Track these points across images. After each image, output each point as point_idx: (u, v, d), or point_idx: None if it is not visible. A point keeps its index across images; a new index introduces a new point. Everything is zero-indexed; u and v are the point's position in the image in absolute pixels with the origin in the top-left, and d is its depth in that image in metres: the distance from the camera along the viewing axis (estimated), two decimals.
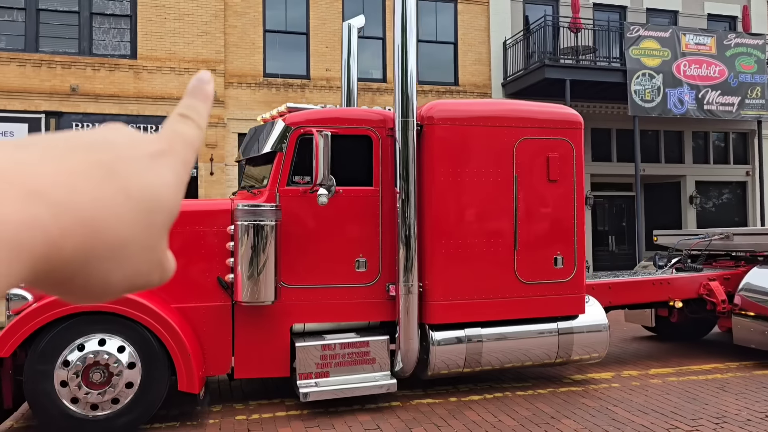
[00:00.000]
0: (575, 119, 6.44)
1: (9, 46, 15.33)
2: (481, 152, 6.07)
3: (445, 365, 5.84)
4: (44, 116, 15.11)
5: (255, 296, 5.37)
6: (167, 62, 15.80)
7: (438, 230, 5.90)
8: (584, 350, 6.34)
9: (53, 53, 15.42)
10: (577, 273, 6.28)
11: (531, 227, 6.16)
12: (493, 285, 6.01)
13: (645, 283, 7.52)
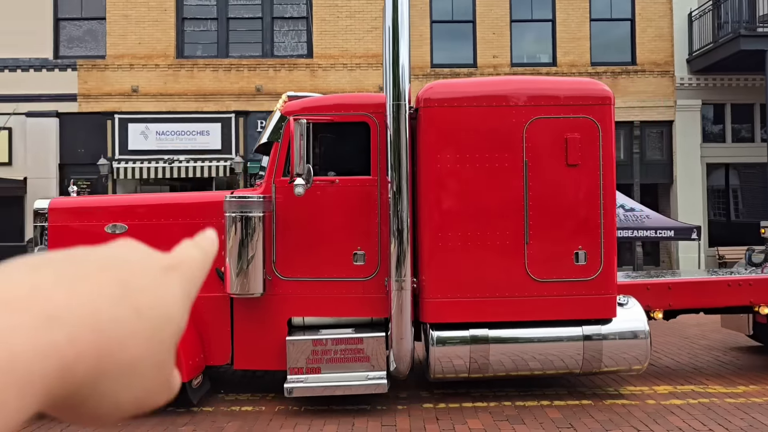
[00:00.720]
0: (601, 93, 5.60)
1: (205, 53, 17.03)
2: (485, 136, 5.47)
3: (447, 368, 5.40)
4: (234, 116, 16.61)
5: (243, 288, 5.33)
6: (340, 59, 16.54)
7: (436, 222, 5.45)
8: (618, 360, 5.51)
9: (241, 57, 16.87)
10: (604, 270, 5.44)
11: (545, 218, 5.45)
12: (500, 282, 5.43)
13: (717, 283, 6.34)
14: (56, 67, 16.80)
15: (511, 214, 5.43)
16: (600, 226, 5.44)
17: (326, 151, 5.90)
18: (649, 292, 6.09)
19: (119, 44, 16.74)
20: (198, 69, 16.71)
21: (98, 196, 6.14)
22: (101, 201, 6.33)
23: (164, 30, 16.76)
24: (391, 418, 5.17)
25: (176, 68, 16.70)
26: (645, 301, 6.03)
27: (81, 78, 16.76)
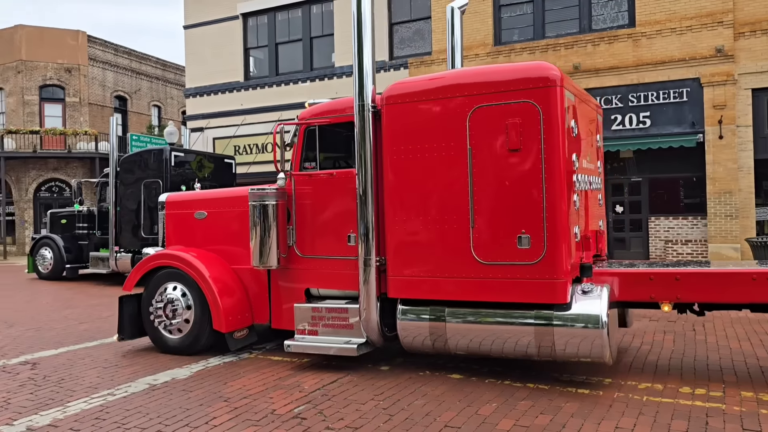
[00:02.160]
0: (541, 75, 5.34)
1: (521, 37, 17.26)
2: (434, 127, 5.77)
3: (413, 340, 5.89)
4: None
5: (262, 262, 6.48)
6: (667, 24, 15.10)
7: (395, 207, 5.94)
8: (573, 347, 5.27)
9: (557, 37, 16.64)
10: (548, 254, 5.29)
11: (488, 203, 5.54)
12: (449, 264, 5.68)
13: (738, 276, 5.35)
14: (391, 68, 18.89)
15: (457, 200, 5.66)
16: (543, 210, 5.33)
17: (329, 149, 6.74)
18: (652, 283, 5.58)
19: (442, 39, 18.00)
20: (515, 53, 17.02)
21: (196, 192, 8.07)
22: (193, 195, 7.78)
23: (483, 20, 17.46)
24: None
25: (494, 56, 17.27)
26: (649, 292, 5.60)
27: (411, 74, 18.53)
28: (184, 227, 7.58)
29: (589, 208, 6.29)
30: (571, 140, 5.62)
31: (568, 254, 5.37)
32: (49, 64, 31.03)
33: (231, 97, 21.44)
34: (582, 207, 5.97)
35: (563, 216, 5.33)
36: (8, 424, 4.79)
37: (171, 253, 7.21)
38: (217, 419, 4.75)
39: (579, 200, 5.81)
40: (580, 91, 6.25)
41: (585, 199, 6.12)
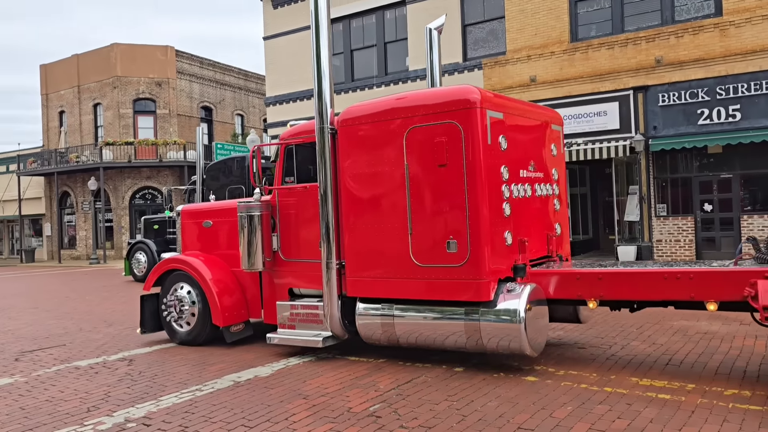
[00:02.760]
0: (462, 98, 6.02)
1: (598, 32, 16.78)
2: (379, 146, 6.47)
3: (369, 334, 6.60)
4: (632, 92, 15.95)
5: (249, 265, 7.31)
6: (758, 11, 14.27)
7: (349, 216, 6.66)
8: (496, 340, 5.90)
9: (637, 30, 16.06)
10: (471, 258, 5.94)
11: (422, 212, 6.22)
12: (394, 266, 6.36)
13: (652, 275, 5.70)
14: (465, 69, 18.84)
15: (398, 210, 6.36)
16: (466, 218, 5.94)
17: (305, 164, 7.32)
18: (579, 282, 6.03)
19: (517, 39, 17.79)
20: (593, 49, 16.57)
21: (204, 203, 9.35)
22: (202, 207, 8.82)
23: (558, 16, 17.11)
24: None
25: (571, 53, 16.89)
26: (576, 291, 6.02)
27: (486, 75, 18.41)
28: (195, 234, 8.55)
29: (532, 214, 6.76)
30: (498, 154, 6.18)
31: (490, 257, 5.95)
32: (142, 78, 32.96)
33: (309, 104, 22.02)
34: (518, 214, 6.42)
35: (485, 223, 5.93)
36: (108, 415, 5.20)
37: (180, 257, 8.23)
38: (296, 416, 4.97)
39: (510, 208, 6.28)
40: (519, 107, 6.88)
41: (524, 206, 6.59)
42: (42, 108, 36.44)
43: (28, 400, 5.73)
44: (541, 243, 6.88)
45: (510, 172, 6.33)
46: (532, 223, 6.72)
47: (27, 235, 37.59)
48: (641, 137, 15.56)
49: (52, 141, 35.55)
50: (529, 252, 6.43)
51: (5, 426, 5.02)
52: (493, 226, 6.02)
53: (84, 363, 7.23)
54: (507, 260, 6.14)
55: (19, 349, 8.30)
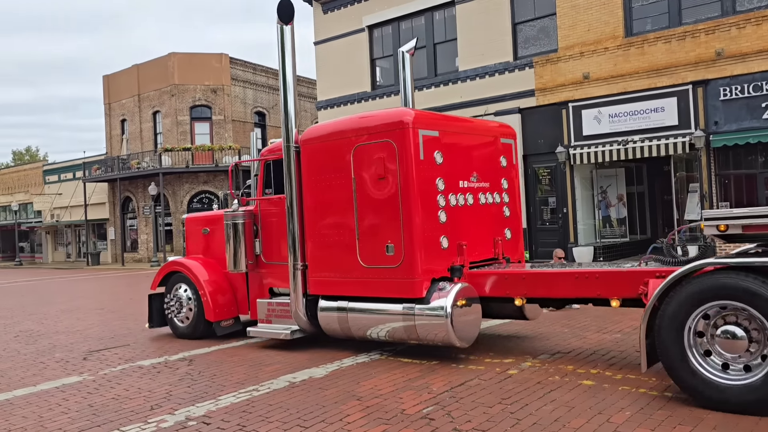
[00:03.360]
0: (396, 120, 6.80)
1: (654, 26, 16.29)
2: (332, 162, 7.27)
3: (330, 327, 7.40)
4: (691, 87, 15.42)
5: (235, 267, 8.24)
6: None
7: (310, 225, 7.52)
8: (428, 333, 6.59)
9: (695, 22, 15.52)
10: (406, 260, 6.67)
11: (367, 220, 6.98)
12: (346, 268, 7.16)
13: (565, 275, 6.38)
14: (516, 68, 18.61)
15: (348, 218, 7.17)
16: (401, 225, 6.71)
17: (279, 178, 7.99)
18: (507, 282, 6.75)
19: (569, 35, 17.47)
20: (648, 44, 16.10)
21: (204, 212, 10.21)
22: (201, 215, 9.77)
23: (612, 11, 16.71)
24: None
25: (625, 48, 16.46)
26: (505, 289, 6.75)
27: (537, 74, 18.14)
28: (196, 240, 9.44)
29: (475, 220, 7.40)
30: (432, 168, 6.88)
31: (423, 260, 6.69)
32: (198, 86, 33.93)
33: (359, 107, 22.21)
34: (457, 220, 7.10)
35: (417, 229, 6.69)
36: (170, 413, 5.39)
37: (179, 261, 9.24)
38: (350, 417, 5.03)
39: (447, 215, 6.97)
40: (460, 125, 7.97)
41: (465, 213, 7.26)
42: (105, 117, 38.00)
43: (95, 398, 6.00)
44: (486, 247, 7.59)
45: (446, 184, 7.03)
46: (474, 229, 7.40)
47: (93, 240, 39.24)
48: (701, 133, 15.02)
49: (115, 148, 37.02)
50: (470, 255, 7.17)
51: (75, 422, 5.27)
52: (427, 232, 6.78)
53: (147, 362, 7.51)
54: (443, 262, 6.91)
55: (86, 348, 8.69)
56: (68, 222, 40.41)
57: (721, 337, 4.78)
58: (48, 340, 9.59)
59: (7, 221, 45.72)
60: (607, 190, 18.30)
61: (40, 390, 6.43)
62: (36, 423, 5.31)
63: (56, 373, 7.18)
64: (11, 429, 5.19)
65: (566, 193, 17.69)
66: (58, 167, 42.52)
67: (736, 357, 4.73)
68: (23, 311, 13.77)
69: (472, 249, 7.23)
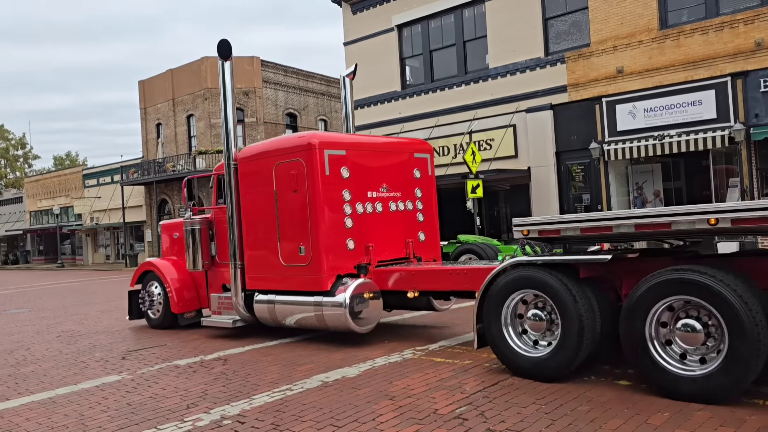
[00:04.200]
0: (305, 143, 8.11)
1: (691, 17, 15.90)
2: (261, 178, 8.58)
3: (264, 318, 8.64)
4: (729, 79, 15.00)
5: (192, 267, 9.56)
6: None
7: (245, 230, 8.81)
8: (332, 321, 7.78)
9: (733, 12, 15.10)
10: (313, 259, 7.95)
11: (286, 226, 8.29)
12: (271, 266, 8.48)
13: (443, 272, 7.71)
14: (547, 64, 18.37)
15: (272, 224, 8.42)
16: (309, 230, 7.95)
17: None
18: (402, 278, 7.89)
19: (602, 29, 17.17)
20: (684, 36, 15.72)
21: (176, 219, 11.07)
22: (173, 221, 10.85)
23: (646, 3, 16.36)
24: None
25: (660, 40, 16.11)
26: (401, 284, 7.91)
27: (569, 69, 17.88)
28: (169, 244, 10.72)
29: (384, 225, 8.53)
30: (338, 182, 8.07)
31: (328, 259, 7.90)
32: None
33: (389, 106, 22.22)
34: (364, 225, 8.25)
35: (323, 234, 7.91)
36: (206, 412, 5.47)
37: (152, 261, 10.62)
38: (383, 416, 5.03)
39: (353, 221, 8.15)
40: (369, 144, 9.06)
41: (373, 219, 8.40)
42: (141, 121, 38.78)
43: (134, 397, 6.13)
44: (398, 247, 8.69)
45: (353, 194, 8.20)
46: (383, 232, 8.50)
47: (131, 242, 40.09)
48: (741, 126, 14.60)
49: (151, 152, 37.75)
50: (379, 255, 8.33)
51: (114, 420, 5.39)
52: (332, 236, 7.97)
53: (183, 362, 7.64)
54: (350, 261, 8.10)
55: (125, 348, 8.88)
56: (107, 224, 41.37)
57: (532, 319, 5.91)
58: (88, 339, 9.84)
59: (49, 224, 47.01)
60: (644, 187, 17.93)
61: (81, 389, 6.60)
62: (77, 421, 5.45)
63: (96, 372, 7.35)
64: (54, 427, 5.33)
65: (600, 190, 17.40)
66: (96, 171, 43.58)
67: (541, 335, 5.87)
68: (65, 312, 14.15)
69: (381, 250, 8.42)
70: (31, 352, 8.98)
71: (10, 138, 68.30)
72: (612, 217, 5.62)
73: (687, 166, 18.47)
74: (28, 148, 70.03)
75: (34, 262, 51.13)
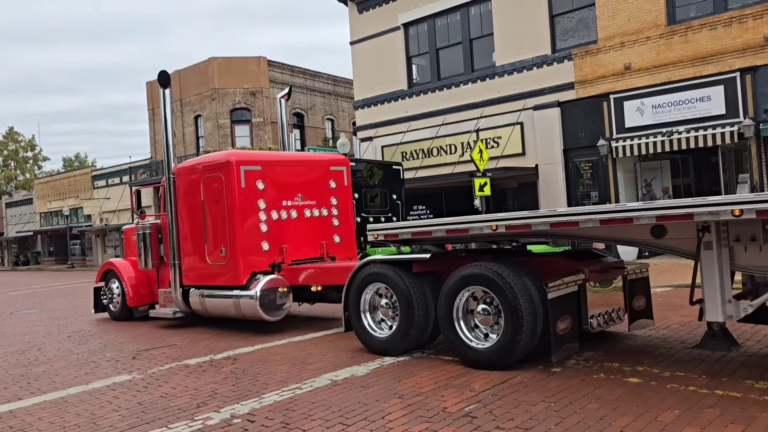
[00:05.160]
0: (224, 160, 9.50)
1: (698, 13, 15.81)
2: (192, 189, 9.95)
3: (198, 309, 9.97)
4: (738, 74, 14.91)
5: (143, 266, 10.84)
6: None
7: (182, 234, 10.18)
8: (247, 311, 9.15)
9: (742, 7, 15.00)
10: (231, 259, 9.38)
11: (211, 231, 9.67)
12: (201, 265, 9.87)
13: (336, 269, 9.00)
14: (554, 61, 18.32)
15: (201, 230, 9.79)
16: (227, 234, 9.36)
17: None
18: (308, 274, 9.22)
19: (609, 26, 17.10)
20: (692, 31, 15.64)
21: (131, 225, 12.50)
22: (132, 227, 11.85)
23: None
24: None
25: (668, 36, 16.03)
26: (306, 280, 9.22)
27: (576, 66, 17.82)
28: (130, 245, 11.97)
29: (299, 229, 9.82)
30: (254, 193, 9.39)
31: (243, 259, 9.28)
32: (237, 89, 34.48)
33: (396, 105, 22.22)
34: (279, 230, 9.57)
35: (239, 238, 9.29)
36: (216, 411, 5.50)
37: (112, 261, 12.03)
38: (392, 414, 5.04)
39: (268, 226, 9.46)
40: (285, 160, 10.26)
41: (288, 224, 9.72)
42: (149, 122, 38.97)
43: (144, 396, 6.17)
44: (313, 248, 9.93)
45: (268, 204, 9.48)
46: (298, 236, 9.78)
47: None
48: (751, 122, 14.51)
49: (159, 152, 37.91)
50: (294, 255, 9.60)
51: (125, 419, 5.43)
52: (248, 240, 9.31)
53: (193, 361, 7.68)
54: (265, 260, 9.39)
55: (135, 347, 8.94)
56: (116, 225, 41.60)
57: (384, 307, 7.32)
58: (99, 339, 9.91)
59: (59, 225, 47.34)
60: (652, 183, 17.86)
61: (92, 388, 6.65)
62: (88, 420, 5.49)
63: (107, 372, 7.41)
64: (65, 426, 5.38)
65: (609, 187, 17.34)
66: (105, 172, 43.82)
67: (389, 319, 7.29)
68: (75, 312, 14.25)
69: (296, 250, 9.69)
70: (43, 352, 9.06)
71: (19, 140, 68.79)
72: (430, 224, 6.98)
73: (696, 162, 18.38)
74: (38, 150, 70.53)
75: (44, 263, 51.49)
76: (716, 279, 5.43)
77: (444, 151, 20.87)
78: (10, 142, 68.34)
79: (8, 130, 68.56)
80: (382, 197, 14.35)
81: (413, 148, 21.66)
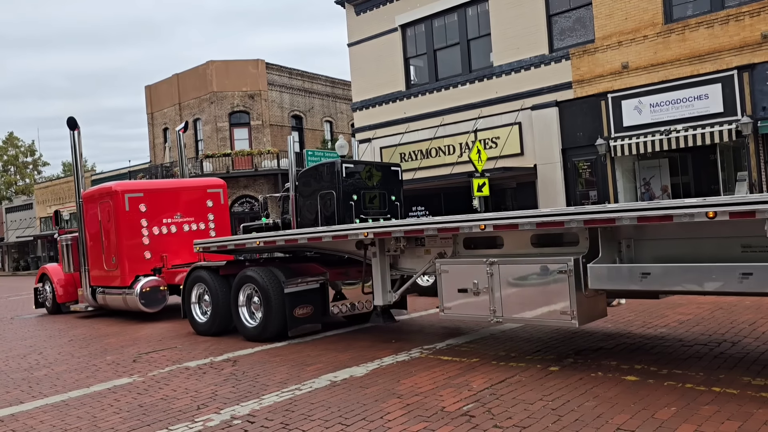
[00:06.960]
0: (111, 190, 12.43)
1: (695, 11, 15.85)
2: (93, 211, 12.95)
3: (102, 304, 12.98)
4: (736, 72, 14.94)
5: (66, 270, 14.10)
6: None
7: (89, 246, 13.16)
8: (132, 305, 11.96)
9: (739, 5, 15.04)
10: (119, 266, 12.24)
11: (106, 244, 12.57)
12: (101, 271, 12.76)
13: None
14: (552, 61, 18.36)
15: (99, 243, 12.70)
16: (117, 247, 12.27)
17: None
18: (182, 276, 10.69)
19: (606, 25, 17.14)
20: (690, 30, 15.68)
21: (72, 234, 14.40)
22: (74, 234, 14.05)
23: None
24: None
25: (665, 35, 16.06)
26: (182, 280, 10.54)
27: (574, 65, 17.86)
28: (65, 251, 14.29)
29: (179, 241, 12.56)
30: (137, 214, 12.26)
31: (129, 265, 12.12)
32: (236, 92, 34.52)
33: (394, 106, 22.25)
34: (161, 242, 12.40)
35: (124, 249, 12.15)
36: (216, 412, 5.52)
37: (45, 266, 14.77)
38: (391, 414, 5.06)
39: (150, 239, 12.32)
40: (165, 187, 13.41)
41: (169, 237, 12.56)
42: (148, 126, 39.02)
43: (145, 398, 6.20)
44: (192, 256, 11.98)
45: (150, 221, 12.35)
46: (178, 246, 12.48)
47: None
48: (748, 119, 14.54)
49: (158, 156, 37.97)
50: (174, 261, 12.30)
51: (126, 421, 5.46)
52: (132, 250, 12.17)
53: (193, 364, 7.71)
54: (148, 266, 12.18)
55: (136, 351, 8.96)
56: None
57: (206, 301, 9.68)
58: (99, 343, 9.93)
59: None
60: (651, 182, 17.88)
61: (93, 391, 6.67)
62: (90, 423, 5.52)
63: (108, 375, 7.44)
64: (67, 428, 5.40)
65: (608, 186, 17.37)
66: (105, 176, 43.84)
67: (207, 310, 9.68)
68: (76, 316, 14.28)
69: (176, 257, 12.38)
70: (44, 356, 9.09)
71: (19, 145, 68.83)
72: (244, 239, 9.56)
73: (694, 160, 18.39)
74: (38, 155, 70.57)
75: None
76: (380, 276, 7.86)
77: (442, 151, 20.91)
78: (10, 148, 68.39)
79: (8, 136, 68.65)
80: (381, 199, 14.36)
81: (412, 149, 21.70)
